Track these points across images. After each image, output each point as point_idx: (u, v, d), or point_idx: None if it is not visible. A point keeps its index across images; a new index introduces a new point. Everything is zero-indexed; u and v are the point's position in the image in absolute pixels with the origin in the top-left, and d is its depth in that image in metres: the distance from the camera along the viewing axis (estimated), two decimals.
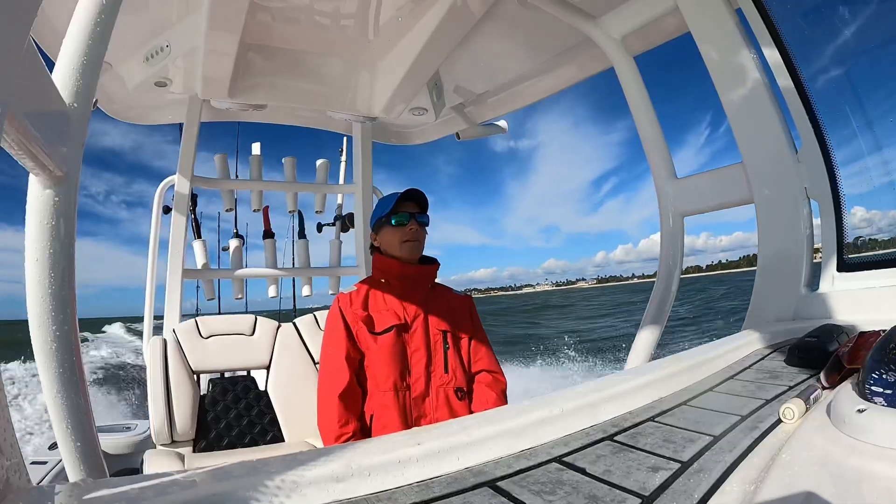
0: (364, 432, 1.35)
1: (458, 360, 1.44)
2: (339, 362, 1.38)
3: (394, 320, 1.40)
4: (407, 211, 1.45)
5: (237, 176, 3.07)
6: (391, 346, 1.37)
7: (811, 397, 0.69)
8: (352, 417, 1.34)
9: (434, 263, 1.52)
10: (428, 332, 1.42)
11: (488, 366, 1.50)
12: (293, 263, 3.19)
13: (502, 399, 1.47)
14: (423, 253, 1.50)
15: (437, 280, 1.56)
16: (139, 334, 2.54)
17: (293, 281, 3.38)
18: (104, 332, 24.91)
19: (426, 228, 1.49)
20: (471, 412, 1.41)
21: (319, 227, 3.19)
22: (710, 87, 1.68)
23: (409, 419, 1.35)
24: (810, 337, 1.05)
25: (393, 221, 1.45)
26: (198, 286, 3.05)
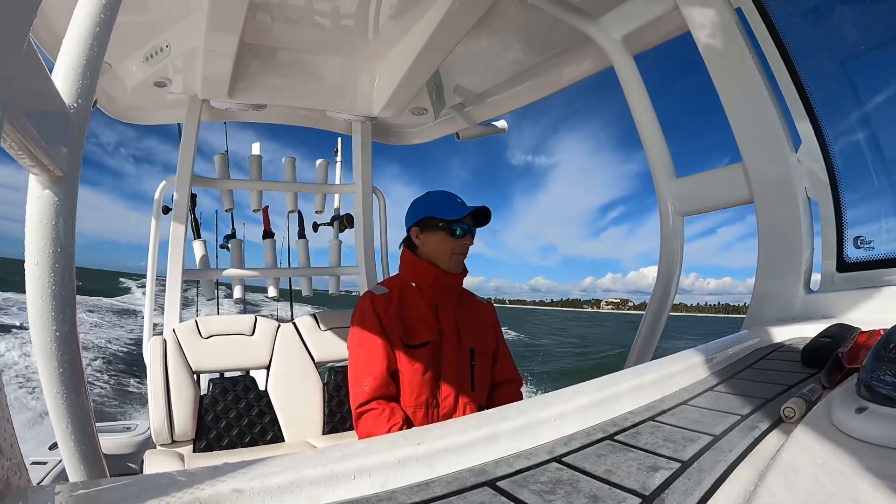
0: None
1: (482, 376, 1.43)
2: (380, 366, 1.31)
3: (430, 335, 1.36)
4: (474, 225, 1.42)
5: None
6: (426, 361, 1.34)
7: (812, 397, 0.69)
8: (396, 409, 1.30)
9: (464, 272, 1.47)
10: (460, 348, 1.39)
11: (509, 375, 1.51)
12: (289, 264, 3.20)
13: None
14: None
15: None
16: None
17: (290, 281, 3.38)
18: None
19: None
20: None
21: (315, 227, 3.20)
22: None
23: None
24: (824, 337, 1.05)
25: (457, 232, 1.38)
26: (197, 286, 3.05)
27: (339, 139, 3.41)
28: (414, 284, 1.42)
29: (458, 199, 1.41)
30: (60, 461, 2.27)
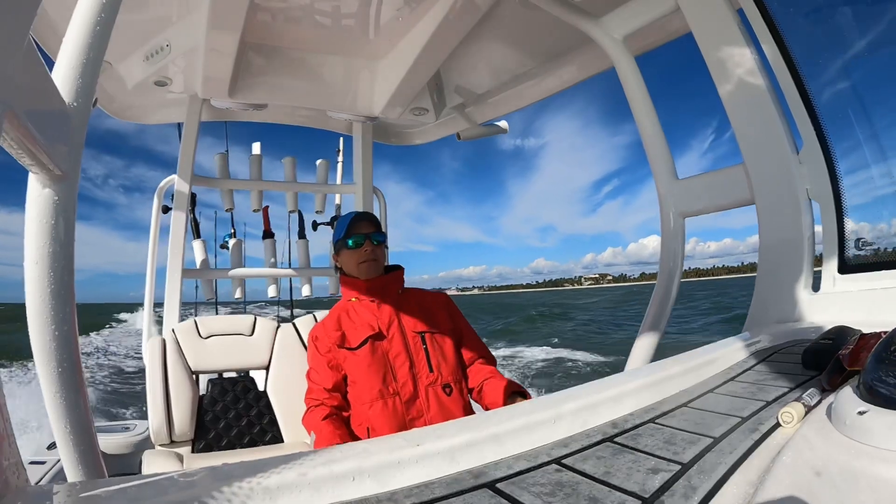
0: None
1: (441, 356, 1.45)
2: (323, 386, 1.42)
3: (368, 332, 1.43)
4: (361, 232, 1.51)
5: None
6: (369, 356, 1.40)
7: (810, 401, 0.68)
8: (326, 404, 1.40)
9: (398, 269, 1.56)
10: (405, 335, 1.45)
11: (479, 353, 1.56)
12: (289, 263, 3.19)
13: (496, 372, 1.51)
14: (391, 263, 1.57)
15: (409, 285, 1.60)
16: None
17: (290, 281, 3.38)
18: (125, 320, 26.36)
19: (384, 246, 1.56)
20: (465, 403, 1.45)
21: (315, 226, 3.19)
22: (717, 93, 1.66)
23: (404, 423, 1.36)
24: (825, 339, 1.04)
25: (350, 243, 1.50)
26: (196, 286, 3.05)
27: (341, 139, 3.41)
28: (353, 300, 1.53)
29: (355, 217, 1.54)
30: (59, 461, 2.27)
